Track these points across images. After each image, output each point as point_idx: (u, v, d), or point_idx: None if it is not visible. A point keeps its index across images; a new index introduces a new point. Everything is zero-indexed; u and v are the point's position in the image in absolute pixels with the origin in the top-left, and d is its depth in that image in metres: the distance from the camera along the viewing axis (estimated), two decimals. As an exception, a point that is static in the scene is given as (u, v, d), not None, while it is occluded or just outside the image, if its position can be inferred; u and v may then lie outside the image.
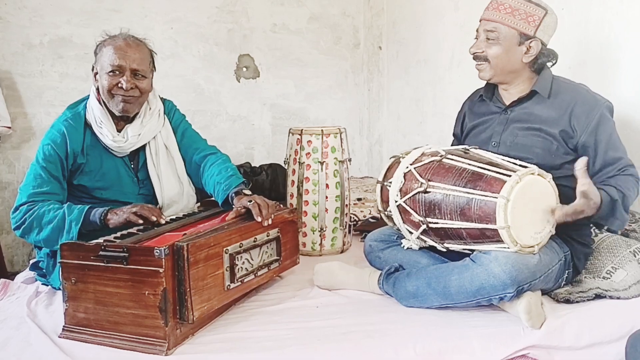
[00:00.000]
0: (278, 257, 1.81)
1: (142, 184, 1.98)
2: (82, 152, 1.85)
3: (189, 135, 2.08)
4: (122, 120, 1.90)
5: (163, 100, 2.05)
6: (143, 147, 1.96)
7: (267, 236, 1.75)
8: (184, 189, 2.01)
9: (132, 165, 1.96)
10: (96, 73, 1.86)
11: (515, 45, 1.72)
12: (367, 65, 3.93)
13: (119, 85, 1.80)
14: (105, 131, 1.85)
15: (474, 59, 1.79)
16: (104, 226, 1.73)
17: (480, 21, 1.78)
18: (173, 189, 1.98)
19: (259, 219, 1.70)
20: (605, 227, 1.69)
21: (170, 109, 2.07)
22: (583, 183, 1.49)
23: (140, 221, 1.72)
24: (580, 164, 1.50)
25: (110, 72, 1.80)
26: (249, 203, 1.74)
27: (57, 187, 1.81)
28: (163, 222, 1.74)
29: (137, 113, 1.92)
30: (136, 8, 3.21)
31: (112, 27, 3.10)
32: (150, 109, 1.95)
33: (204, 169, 2.00)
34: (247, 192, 1.87)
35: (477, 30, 1.79)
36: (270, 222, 1.74)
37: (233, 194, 1.84)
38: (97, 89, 1.86)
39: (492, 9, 1.73)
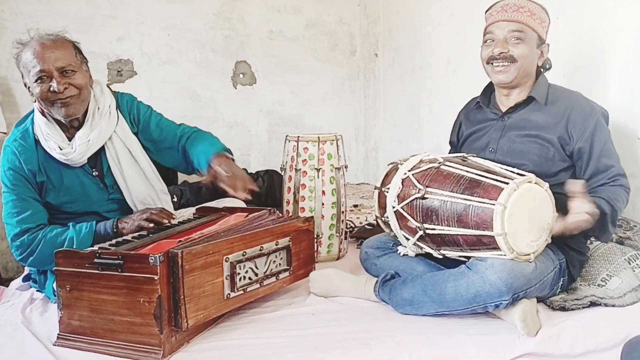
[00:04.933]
0: (288, 267, 1.77)
1: (111, 189, 1.88)
2: (40, 170, 1.76)
3: (166, 125, 1.97)
4: (72, 127, 1.79)
5: (116, 94, 1.92)
6: (104, 151, 1.85)
7: (276, 245, 1.72)
8: (155, 189, 1.93)
9: (96, 173, 1.85)
10: (29, 87, 1.73)
11: (535, 47, 1.74)
12: (363, 72, 3.94)
13: (51, 89, 1.66)
14: (52, 144, 1.74)
15: (494, 59, 1.74)
16: (117, 236, 1.72)
17: (494, 23, 1.74)
18: (141, 191, 1.89)
19: (232, 192, 1.64)
20: (592, 238, 1.71)
21: (131, 106, 1.93)
22: (585, 200, 1.49)
23: (151, 225, 1.72)
24: (578, 187, 1.48)
25: (37, 79, 1.67)
26: (225, 174, 1.65)
27: (38, 205, 1.76)
28: (175, 222, 1.76)
29: (85, 115, 1.79)
30: (132, 14, 3.21)
31: (109, 34, 3.12)
32: (98, 108, 1.81)
33: (189, 147, 1.91)
34: (229, 155, 1.81)
35: (488, 33, 1.77)
36: (246, 195, 1.66)
37: (213, 157, 1.76)
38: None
39: (513, 11, 1.72)
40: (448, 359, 1.42)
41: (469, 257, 1.62)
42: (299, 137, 2.28)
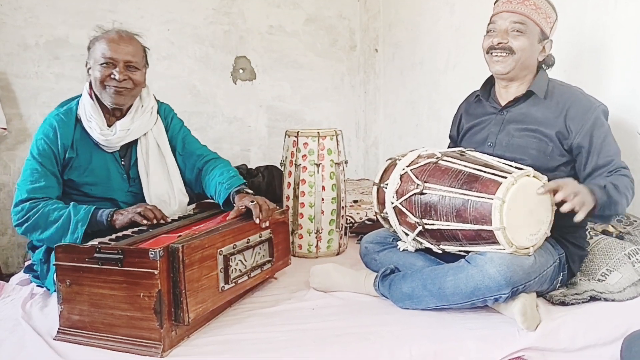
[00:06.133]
0: (270, 258, 1.81)
1: (132, 182, 1.97)
2: (72, 146, 1.85)
3: (190, 142, 2.09)
4: (113, 116, 1.91)
5: (159, 102, 2.06)
6: (136, 145, 1.96)
7: (260, 237, 1.75)
8: (174, 189, 1.99)
9: (124, 162, 1.95)
10: (89, 68, 1.87)
11: (536, 41, 1.73)
12: (363, 67, 3.93)
13: (112, 76, 1.81)
14: (94, 125, 1.85)
15: (493, 49, 1.75)
16: (110, 227, 1.74)
17: (498, 14, 1.75)
18: (161, 188, 1.97)
19: (257, 221, 1.72)
20: (615, 217, 1.66)
21: (168, 113, 2.08)
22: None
23: (145, 221, 1.73)
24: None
25: (103, 63, 1.81)
26: (251, 203, 1.75)
27: (54, 181, 1.82)
28: (169, 220, 1.79)
29: (129, 109, 1.92)
30: (132, 9, 3.20)
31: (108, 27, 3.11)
32: (142, 106, 1.96)
33: (205, 172, 2.01)
34: (249, 191, 1.89)
35: (491, 23, 1.77)
36: (267, 224, 1.76)
37: (234, 193, 1.86)
38: (90, 84, 1.88)
39: (517, 3, 1.72)
40: (447, 353, 1.43)
41: (468, 252, 1.62)
42: (298, 132, 2.28)
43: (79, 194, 1.88)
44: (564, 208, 1.46)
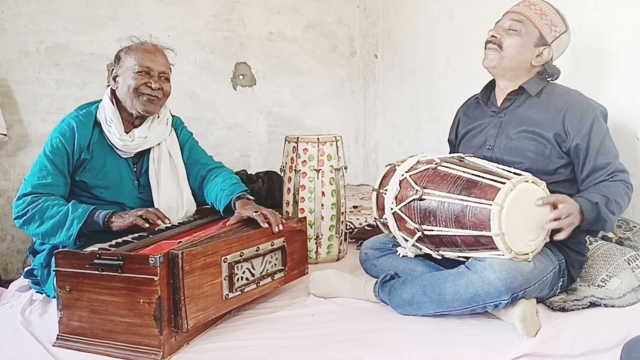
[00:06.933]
0: (283, 267, 1.79)
1: (142, 189, 2.00)
2: (88, 148, 1.88)
3: (196, 151, 2.14)
4: (131, 124, 1.95)
5: (172, 115, 2.12)
6: (148, 154, 2.00)
7: (272, 245, 1.73)
8: (183, 197, 2.02)
9: (135, 169, 1.99)
10: (116, 76, 1.92)
11: (531, 44, 1.75)
12: (362, 73, 3.94)
13: (148, 84, 1.88)
14: (114, 130, 1.89)
15: (486, 43, 1.80)
16: (105, 228, 1.75)
17: (506, 14, 1.81)
18: (170, 196, 1.99)
19: (265, 226, 1.72)
20: (600, 234, 1.70)
21: (178, 125, 2.14)
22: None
23: (147, 225, 1.74)
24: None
25: (139, 72, 1.87)
26: (254, 214, 1.75)
27: (61, 180, 1.83)
28: (168, 224, 1.80)
29: (146, 119, 1.97)
30: (132, 15, 3.21)
31: (109, 35, 3.13)
32: (158, 117, 2.01)
33: (208, 180, 2.04)
34: (250, 197, 1.90)
35: (497, 22, 1.81)
36: (281, 227, 1.75)
37: (235, 200, 1.87)
38: (112, 91, 1.92)
39: (524, 5, 1.77)
40: (447, 359, 1.42)
41: (468, 258, 1.62)
42: (298, 138, 2.28)
43: (89, 196, 1.90)
44: (552, 225, 1.52)
